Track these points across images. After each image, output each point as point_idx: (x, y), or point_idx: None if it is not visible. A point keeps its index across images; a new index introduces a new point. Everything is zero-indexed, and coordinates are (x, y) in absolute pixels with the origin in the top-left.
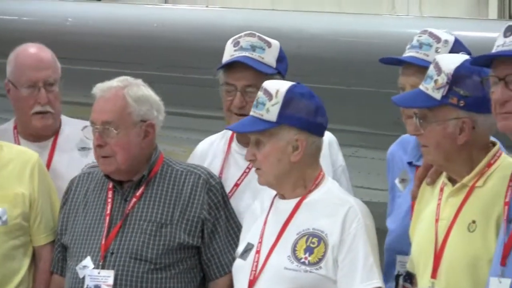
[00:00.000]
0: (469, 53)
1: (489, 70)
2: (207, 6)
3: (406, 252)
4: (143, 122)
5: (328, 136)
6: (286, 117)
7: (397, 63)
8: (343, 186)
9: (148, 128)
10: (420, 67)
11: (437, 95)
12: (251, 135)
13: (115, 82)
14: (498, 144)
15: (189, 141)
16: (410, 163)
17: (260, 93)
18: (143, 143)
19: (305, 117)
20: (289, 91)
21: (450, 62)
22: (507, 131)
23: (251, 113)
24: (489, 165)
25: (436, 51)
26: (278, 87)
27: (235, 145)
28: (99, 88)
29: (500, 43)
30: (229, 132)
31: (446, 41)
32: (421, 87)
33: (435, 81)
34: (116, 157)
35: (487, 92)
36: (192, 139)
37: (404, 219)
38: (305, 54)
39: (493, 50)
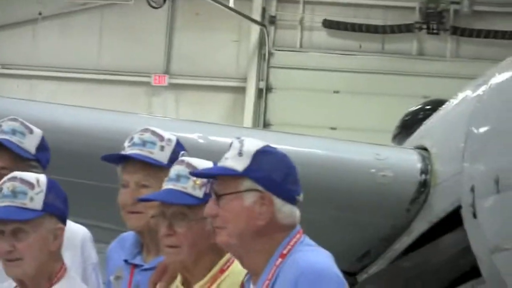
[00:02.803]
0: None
1: None
2: None
3: None
4: None
5: (82, 232)
6: (50, 205)
7: (118, 161)
8: (93, 283)
9: None
10: (144, 165)
11: (199, 193)
12: (8, 225)
13: None
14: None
15: None
16: (126, 261)
17: (15, 183)
18: None
19: (62, 207)
20: (50, 181)
21: (204, 162)
22: (220, 245)
23: (8, 202)
24: (221, 271)
25: (161, 149)
26: (37, 176)
27: None
28: None
29: (221, 160)
30: None
31: (169, 140)
32: (175, 186)
33: (195, 181)
34: None
35: None
36: None
37: None
38: (59, 147)
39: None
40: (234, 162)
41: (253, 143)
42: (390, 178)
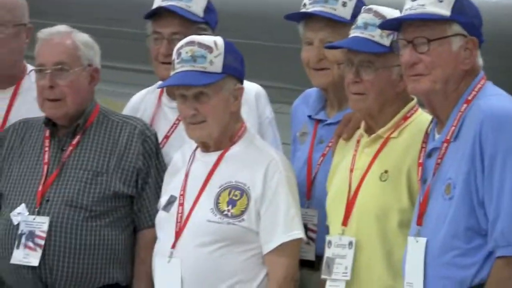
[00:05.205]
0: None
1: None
2: None
3: (302, 204)
4: (90, 67)
5: (255, 88)
6: (229, 67)
7: (301, 19)
8: (269, 138)
9: (94, 73)
10: (327, 22)
11: (386, 42)
12: (190, 89)
13: (60, 27)
14: (416, 99)
15: (114, 94)
16: (310, 117)
17: (193, 47)
18: (89, 88)
19: (239, 68)
20: (226, 42)
21: (391, 11)
22: (416, 93)
23: (188, 67)
24: (405, 118)
25: (344, 5)
26: (213, 39)
27: (165, 98)
28: (46, 33)
29: (408, 7)
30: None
31: None
32: (362, 35)
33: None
34: (67, 99)
35: None
36: (117, 92)
37: (301, 172)
38: (233, 10)
39: (402, 14)
40: (435, 7)
41: None
42: None
